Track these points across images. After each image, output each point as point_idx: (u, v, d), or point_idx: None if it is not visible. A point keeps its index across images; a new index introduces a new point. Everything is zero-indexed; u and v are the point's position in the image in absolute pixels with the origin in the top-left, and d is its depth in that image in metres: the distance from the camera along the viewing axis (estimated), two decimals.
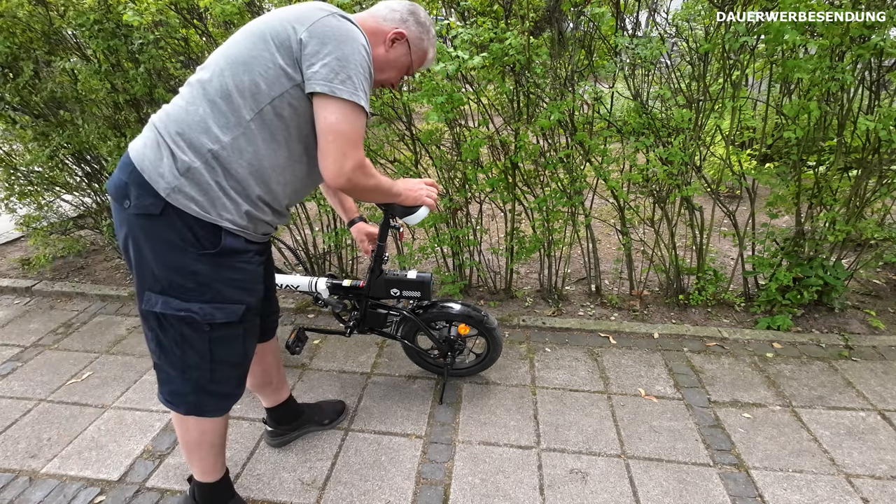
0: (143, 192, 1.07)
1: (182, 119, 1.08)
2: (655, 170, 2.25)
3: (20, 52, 2.45)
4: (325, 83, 1.04)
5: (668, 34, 2.19)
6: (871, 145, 2.14)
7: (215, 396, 1.27)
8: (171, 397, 1.25)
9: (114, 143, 2.49)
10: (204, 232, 1.10)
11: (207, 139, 1.07)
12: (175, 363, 1.20)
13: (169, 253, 1.10)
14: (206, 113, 1.07)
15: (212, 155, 1.07)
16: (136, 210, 1.08)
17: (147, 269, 1.13)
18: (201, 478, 1.38)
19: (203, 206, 1.08)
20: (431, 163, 2.42)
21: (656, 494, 1.55)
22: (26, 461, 1.71)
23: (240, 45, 1.09)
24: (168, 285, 1.12)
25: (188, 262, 1.11)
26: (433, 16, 2.32)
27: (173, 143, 1.07)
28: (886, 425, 1.81)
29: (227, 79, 1.07)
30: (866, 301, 2.64)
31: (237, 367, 1.27)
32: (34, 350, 2.36)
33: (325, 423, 1.83)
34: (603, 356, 2.23)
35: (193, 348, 1.18)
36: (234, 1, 2.00)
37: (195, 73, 1.14)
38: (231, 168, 1.09)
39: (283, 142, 1.13)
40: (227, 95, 1.07)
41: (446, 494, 1.56)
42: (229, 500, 1.45)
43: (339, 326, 2.00)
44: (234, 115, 1.08)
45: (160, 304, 1.13)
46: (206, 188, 1.08)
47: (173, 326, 1.15)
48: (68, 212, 3.31)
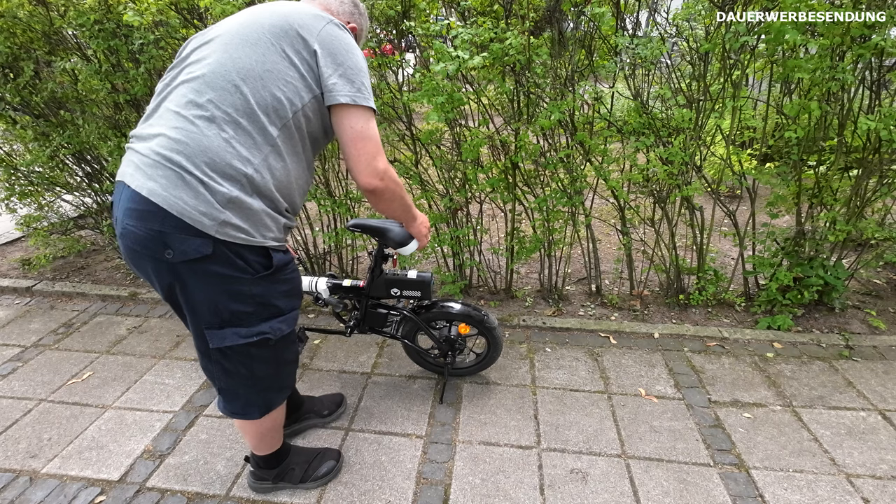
0: (187, 237, 1.02)
1: (207, 147, 1.01)
2: (656, 170, 2.25)
3: (21, 53, 2.46)
4: (346, 95, 1.09)
5: (668, 34, 2.19)
6: (871, 145, 2.14)
7: (282, 390, 1.37)
8: (243, 409, 1.31)
9: (114, 144, 2.49)
10: (254, 256, 1.11)
11: (240, 164, 1.03)
12: (244, 382, 1.25)
13: (226, 285, 1.09)
14: (231, 136, 1.03)
15: (247, 180, 1.05)
16: (182, 257, 1.03)
17: (203, 309, 1.12)
18: (270, 449, 1.48)
19: (249, 231, 1.07)
20: (431, 163, 2.42)
21: (657, 494, 1.55)
22: (27, 461, 1.71)
23: (249, 55, 1.05)
24: (229, 317, 1.13)
25: (245, 288, 1.12)
26: (433, 16, 2.32)
27: (205, 175, 1.01)
28: (887, 425, 1.81)
29: (247, 95, 1.03)
30: (867, 301, 2.63)
31: (295, 361, 1.39)
32: (35, 350, 2.36)
33: (325, 414, 1.85)
34: (603, 356, 2.23)
35: (261, 363, 1.23)
36: (234, 1, 2.00)
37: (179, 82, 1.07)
38: (263, 188, 1.08)
39: (301, 152, 1.16)
40: (250, 114, 1.04)
41: (447, 494, 1.56)
42: (289, 449, 1.58)
43: (339, 326, 2.00)
44: (260, 133, 1.05)
45: (229, 337, 1.14)
46: (248, 213, 1.07)
47: (238, 352, 1.18)
48: (69, 212, 3.31)
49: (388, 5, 2.09)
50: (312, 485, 1.58)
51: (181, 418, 1.90)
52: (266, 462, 1.51)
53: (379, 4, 2.10)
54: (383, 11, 2.11)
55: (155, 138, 1.03)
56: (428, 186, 2.45)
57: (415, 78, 2.13)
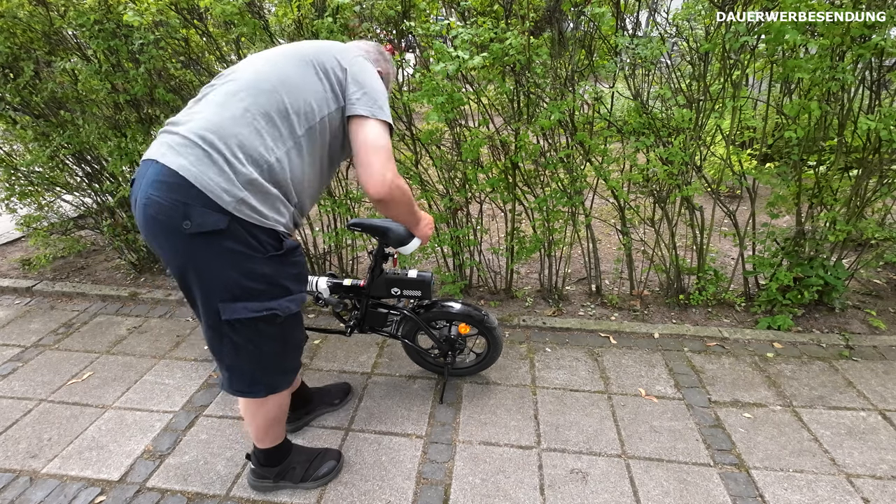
0: (206, 210, 1.10)
1: (239, 132, 1.13)
2: (656, 170, 2.25)
3: (21, 53, 2.45)
4: (366, 109, 1.23)
5: (668, 34, 2.19)
6: (871, 145, 2.14)
7: (287, 372, 1.44)
8: (249, 387, 1.38)
9: (114, 144, 2.49)
10: (266, 237, 1.19)
11: (265, 151, 1.16)
12: (252, 358, 1.32)
13: (238, 262, 1.18)
14: (262, 127, 1.16)
15: (268, 166, 1.16)
16: (198, 229, 1.11)
17: (216, 284, 1.19)
18: (273, 443, 1.52)
19: (264, 214, 1.17)
20: (431, 163, 2.43)
21: (657, 494, 1.55)
22: (27, 461, 1.71)
23: (290, 69, 1.22)
24: (241, 292, 1.21)
25: (257, 266, 1.20)
26: (433, 16, 2.32)
27: (233, 156, 1.12)
28: (887, 425, 1.81)
29: (283, 96, 1.18)
30: (867, 301, 2.63)
31: (300, 345, 1.47)
32: (35, 350, 2.36)
33: (336, 402, 1.92)
34: (603, 356, 2.23)
35: (269, 339, 1.31)
36: (234, 1, 2.00)
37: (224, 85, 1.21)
38: (281, 178, 1.19)
39: (318, 159, 1.29)
40: (283, 112, 1.18)
41: (447, 494, 1.56)
42: (291, 447, 1.61)
43: (339, 326, 2.00)
44: (288, 129, 1.19)
45: (239, 311, 1.21)
46: (265, 197, 1.17)
47: (247, 327, 1.25)
48: (69, 212, 3.31)
49: (388, 5, 2.09)
50: (312, 484, 1.58)
51: (181, 418, 1.90)
52: (268, 458, 1.54)
53: (379, 4, 2.09)
54: (383, 11, 2.11)
55: (192, 121, 1.15)
56: (428, 186, 2.45)
57: (415, 78, 2.14)
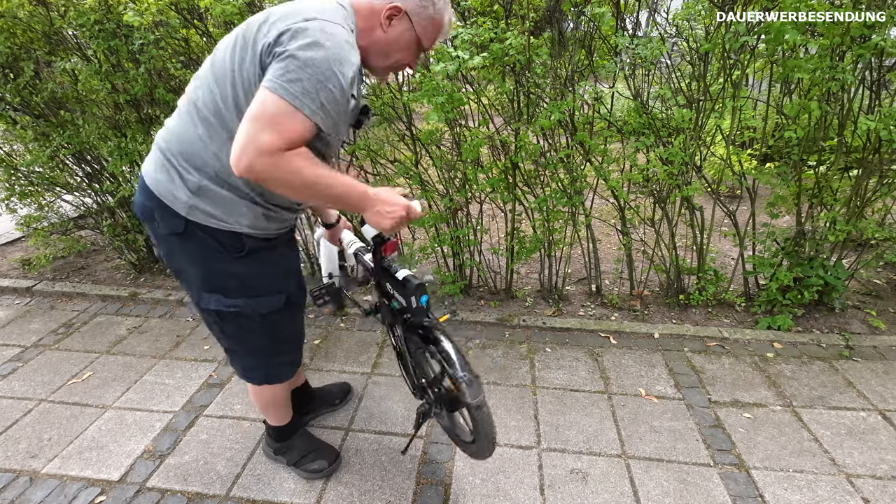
0: (165, 214, 1.15)
1: (183, 139, 1.12)
2: (656, 170, 2.25)
3: (21, 53, 2.45)
4: (270, 80, 0.96)
5: (668, 34, 2.19)
6: (871, 145, 2.14)
7: (281, 366, 1.46)
8: (244, 373, 1.44)
9: (114, 144, 2.49)
10: (227, 239, 1.18)
11: (208, 157, 1.10)
12: (242, 345, 1.37)
13: (206, 261, 1.21)
14: (203, 133, 1.09)
15: (215, 172, 1.11)
16: (164, 230, 1.18)
17: (193, 275, 1.24)
18: (276, 423, 1.61)
19: (220, 217, 1.15)
20: (431, 163, 2.43)
21: (657, 494, 1.55)
22: (27, 461, 1.71)
23: (224, 56, 1.06)
24: (215, 286, 1.24)
25: (225, 266, 1.21)
26: None
27: (178, 164, 1.12)
28: (887, 425, 1.81)
29: (215, 94, 1.06)
30: (867, 301, 2.63)
31: (293, 341, 1.47)
32: (35, 350, 2.36)
33: (336, 402, 1.94)
34: (603, 356, 2.23)
35: (252, 333, 1.33)
36: (234, 1, 2.00)
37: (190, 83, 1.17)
38: (233, 181, 1.12)
39: None
40: (217, 112, 1.07)
41: (447, 494, 1.56)
42: (297, 430, 1.67)
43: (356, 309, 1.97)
44: (226, 130, 1.06)
45: (213, 301, 1.25)
46: (220, 201, 1.14)
47: (229, 319, 1.29)
48: (69, 212, 3.31)
49: None
50: (303, 473, 1.63)
51: (181, 418, 1.90)
52: (272, 432, 1.64)
53: None
54: None
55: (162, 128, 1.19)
56: (428, 186, 2.45)
57: (415, 78, 2.14)
